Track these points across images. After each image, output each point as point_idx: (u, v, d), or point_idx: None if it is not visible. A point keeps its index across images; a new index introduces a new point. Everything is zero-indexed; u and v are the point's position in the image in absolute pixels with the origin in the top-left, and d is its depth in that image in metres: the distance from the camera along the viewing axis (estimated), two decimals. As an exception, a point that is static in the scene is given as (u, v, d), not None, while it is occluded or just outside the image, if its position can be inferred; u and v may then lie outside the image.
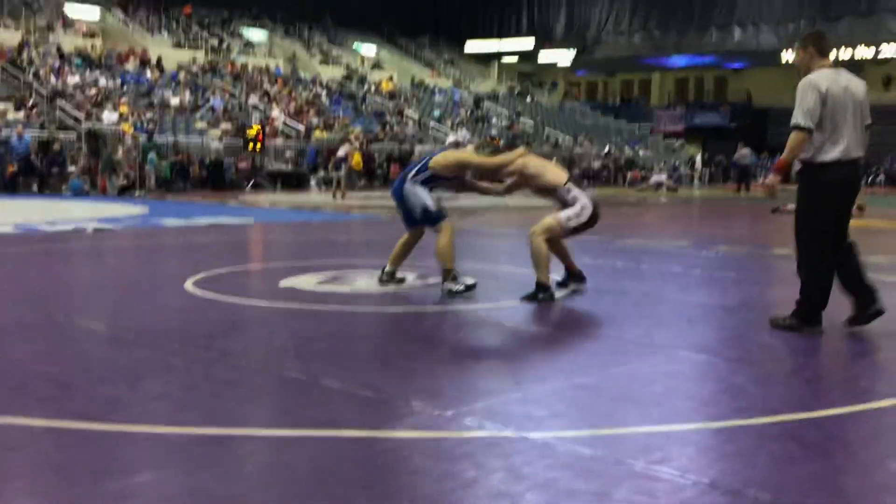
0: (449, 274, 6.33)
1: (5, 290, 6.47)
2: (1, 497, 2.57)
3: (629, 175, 35.09)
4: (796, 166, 5.06)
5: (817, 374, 4.39)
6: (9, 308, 5.61)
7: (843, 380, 4.18)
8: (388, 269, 6.72)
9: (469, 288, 6.23)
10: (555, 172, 6.47)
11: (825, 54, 5.10)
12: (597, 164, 35.46)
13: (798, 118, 4.88)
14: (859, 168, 5.09)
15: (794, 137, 4.89)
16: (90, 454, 2.92)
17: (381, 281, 6.70)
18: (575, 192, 6.29)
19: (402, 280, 6.76)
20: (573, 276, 6.62)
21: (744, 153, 28.36)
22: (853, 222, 5.15)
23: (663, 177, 31.46)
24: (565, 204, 6.30)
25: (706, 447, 3.20)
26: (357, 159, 23.15)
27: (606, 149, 37.52)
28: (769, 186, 5.10)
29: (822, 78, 4.93)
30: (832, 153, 4.90)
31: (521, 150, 6.71)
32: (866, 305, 5.06)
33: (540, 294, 6.06)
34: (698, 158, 39.90)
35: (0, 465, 2.80)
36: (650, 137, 43.56)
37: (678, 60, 46.12)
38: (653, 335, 5.08)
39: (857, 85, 5.06)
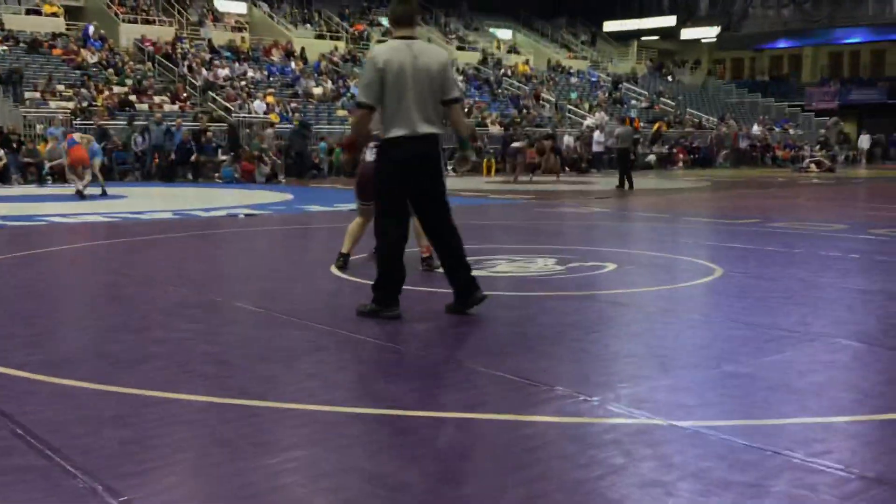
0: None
1: (168, 274, 6.87)
2: (171, 467, 2.73)
3: (781, 155, 33.67)
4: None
5: None
6: (171, 291, 5.96)
7: None
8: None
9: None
10: None
11: (400, 24, 4.87)
12: (744, 145, 34.11)
13: (360, 94, 4.83)
14: (431, 144, 4.77)
15: (356, 114, 4.90)
16: (250, 430, 3.06)
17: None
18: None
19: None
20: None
21: None
22: None
23: (818, 156, 30.06)
24: None
25: (871, 440, 3.03)
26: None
27: (754, 128, 36.08)
28: (343, 163, 5.04)
29: (384, 51, 4.75)
30: (396, 129, 4.69)
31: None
32: (462, 294, 4.92)
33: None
34: (865, 138, 37.56)
35: (169, 438, 2.97)
36: (801, 115, 41.54)
37: (831, 34, 43.62)
38: (809, 323, 4.85)
39: (432, 57, 4.74)
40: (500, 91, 35.05)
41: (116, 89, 24.63)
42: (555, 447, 2.92)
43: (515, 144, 23.59)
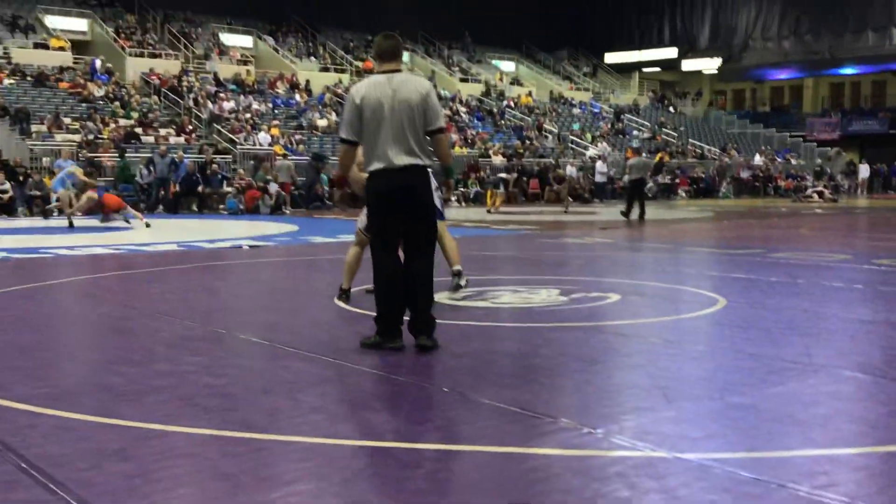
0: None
1: (171, 306, 6.88)
2: (173, 501, 2.72)
3: (783, 185, 33.75)
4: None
5: None
6: (175, 323, 5.96)
7: None
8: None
9: None
10: None
11: (384, 59, 4.94)
12: (746, 175, 34.20)
13: (341, 131, 5.01)
14: (416, 175, 4.80)
15: (339, 150, 5.10)
16: (253, 463, 3.05)
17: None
18: None
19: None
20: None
21: None
22: None
23: (819, 186, 30.16)
24: None
25: (876, 473, 3.01)
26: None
27: (756, 158, 36.19)
28: (337, 199, 5.06)
29: (362, 87, 4.85)
30: (375, 163, 4.80)
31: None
32: (413, 332, 4.93)
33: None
34: (864, 168, 37.53)
35: (171, 472, 2.97)
36: (803, 146, 41.68)
37: (832, 65, 43.89)
38: (813, 354, 4.84)
39: (411, 89, 4.77)
40: (503, 122, 35.25)
41: (122, 122, 24.81)
42: (558, 480, 2.91)
43: (502, 175, 23.95)
